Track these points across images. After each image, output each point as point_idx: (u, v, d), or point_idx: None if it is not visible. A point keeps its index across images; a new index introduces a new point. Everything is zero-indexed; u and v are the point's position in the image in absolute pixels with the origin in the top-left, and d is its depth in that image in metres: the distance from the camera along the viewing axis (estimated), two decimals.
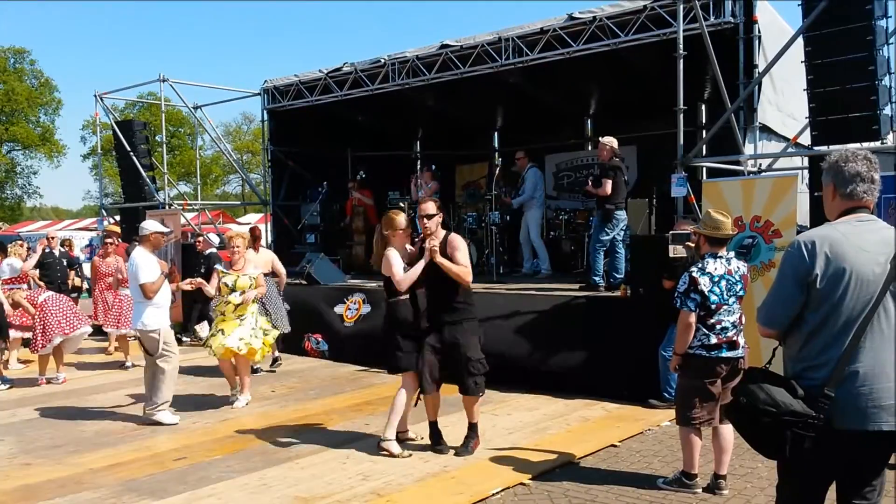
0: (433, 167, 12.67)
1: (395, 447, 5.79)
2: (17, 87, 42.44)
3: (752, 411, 2.86)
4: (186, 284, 7.53)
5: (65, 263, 12.27)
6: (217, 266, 8.03)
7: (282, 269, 9.60)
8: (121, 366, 9.97)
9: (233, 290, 7.54)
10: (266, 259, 9.42)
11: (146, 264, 6.80)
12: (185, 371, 9.32)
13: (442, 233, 5.88)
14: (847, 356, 2.76)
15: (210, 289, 7.57)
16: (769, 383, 2.87)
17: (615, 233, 8.86)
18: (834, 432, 2.75)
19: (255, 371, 8.66)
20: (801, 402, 2.78)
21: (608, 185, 8.65)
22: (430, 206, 5.85)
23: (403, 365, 5.82)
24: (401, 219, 5.98)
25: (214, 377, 8.71)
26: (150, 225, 7.09)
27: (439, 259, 5.65)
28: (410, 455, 5.77)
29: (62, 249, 12.88)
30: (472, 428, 5.95)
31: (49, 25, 76.19)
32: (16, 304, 9.02)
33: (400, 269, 5.78)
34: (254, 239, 9.36)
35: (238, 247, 7.70)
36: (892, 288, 2.78)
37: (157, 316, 6.83)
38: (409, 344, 5.80)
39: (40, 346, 8.81)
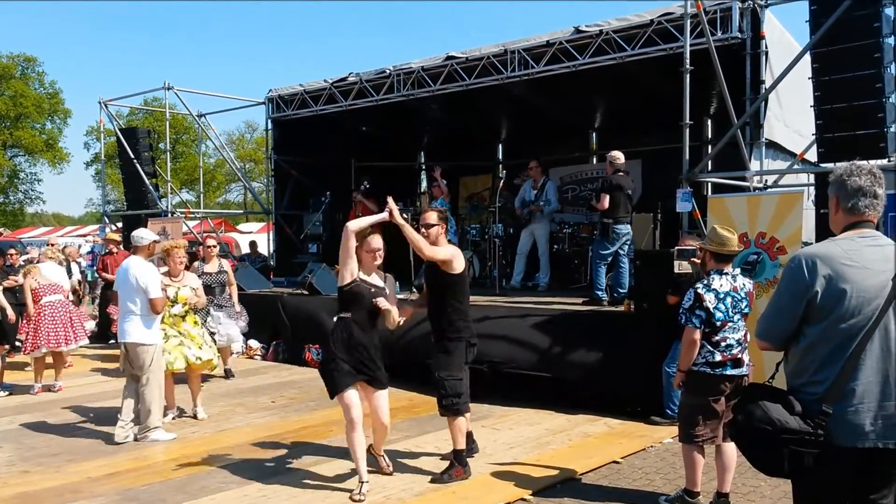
0: (445, 182, 12.19)
1: None
2: (25, 91, 42.49)
3: (748, 429, 2.84)
4: None
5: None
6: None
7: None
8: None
9: (174, 302, 7.41)
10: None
11: (154, 277, 6.62)
12: (181, 380, 9.29)
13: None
14: (846, 373, 2.73)
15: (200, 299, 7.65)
16: (770, 399, 2.83)
17: (616, 247, 8.90)
18: (835, 450, 2.72)
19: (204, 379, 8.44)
20: (797, 418, 2.75)
21: (605, 200, 8.81)
22: (432, 216, 5.70)
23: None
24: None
25: (212, 387, 8.67)
26: (147, 234, 6.93)
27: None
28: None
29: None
30: (454, 454, 5.56)
31: (54, 32, 76.71)
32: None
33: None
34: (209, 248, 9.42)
35: (182, 258, 7.58)
36: (893, 306, 2.74)
37: (153, 330, 6.69)
38: None
39: (30, 348, 8.80)
